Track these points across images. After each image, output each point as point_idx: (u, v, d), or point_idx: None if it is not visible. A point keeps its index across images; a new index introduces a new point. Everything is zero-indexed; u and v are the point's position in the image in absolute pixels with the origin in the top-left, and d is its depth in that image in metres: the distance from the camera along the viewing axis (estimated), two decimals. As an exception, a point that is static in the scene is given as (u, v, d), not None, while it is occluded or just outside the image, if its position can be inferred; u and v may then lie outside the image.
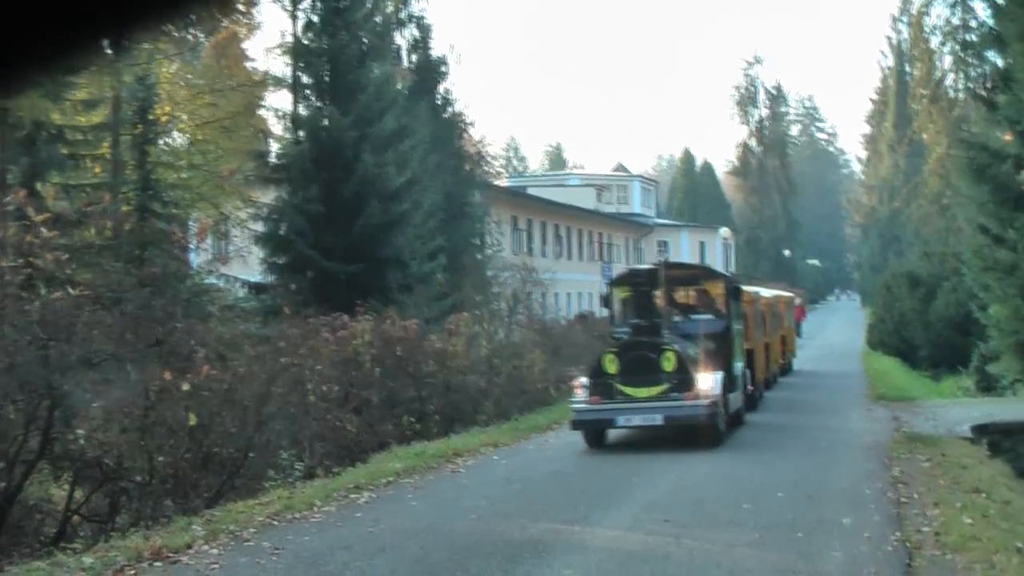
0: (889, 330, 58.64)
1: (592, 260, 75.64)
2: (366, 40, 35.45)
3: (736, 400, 23.74)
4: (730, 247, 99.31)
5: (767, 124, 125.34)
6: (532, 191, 77.45)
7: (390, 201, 33.09)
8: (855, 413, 28.34)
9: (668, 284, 23.70)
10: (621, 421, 20.84)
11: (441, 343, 27.76)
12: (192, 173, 32.06)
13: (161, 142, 31.70)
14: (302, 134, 34.06)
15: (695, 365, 21.17)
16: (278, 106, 35.43)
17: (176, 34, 28.74)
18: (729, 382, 22.72)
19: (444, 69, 48.10)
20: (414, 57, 48.01)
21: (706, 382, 20.78)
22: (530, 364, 31.41)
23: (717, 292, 26.02)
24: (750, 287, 34.76)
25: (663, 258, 26.10)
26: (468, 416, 26.59)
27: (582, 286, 68.04)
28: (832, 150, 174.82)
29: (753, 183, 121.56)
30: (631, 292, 25.41)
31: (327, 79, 33.91)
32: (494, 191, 59.76)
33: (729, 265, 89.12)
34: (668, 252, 78.11)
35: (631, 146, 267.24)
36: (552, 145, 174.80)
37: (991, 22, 33.50)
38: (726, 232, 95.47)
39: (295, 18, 34.10)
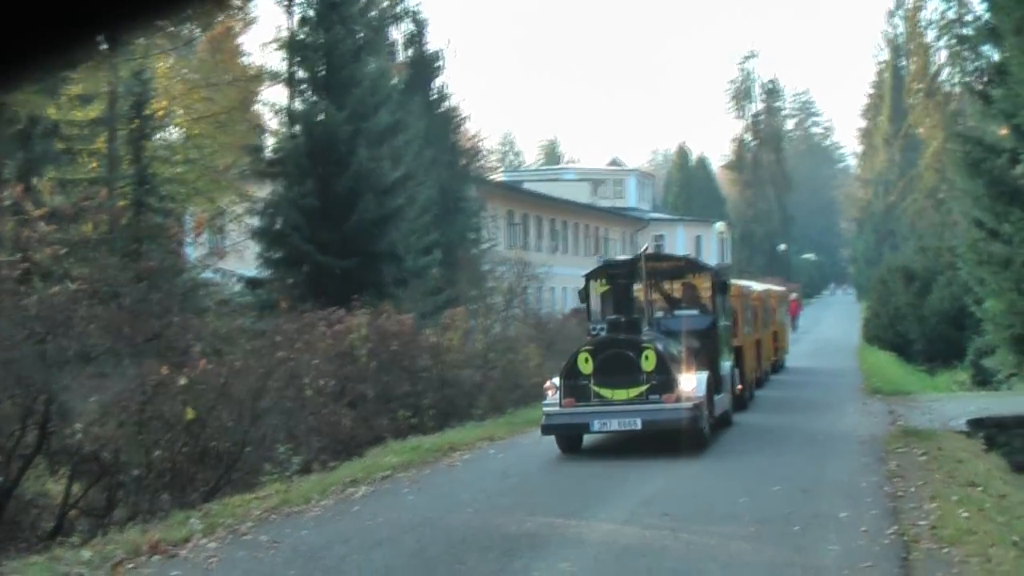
0: (884, 324, 58.71)
1: (588, 254, 75.66)
2: (361, 35, 35.51)
3: (723, 401, 22.44)
4: (725, 241, 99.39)
5: (762, 118, 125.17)
6: (528, 186, 77.70)
7: (385, 196, 33.15)
8: (850, 408, 28.34)
9: (650, 277, 22.10)
10: (596, 426, 19.18)
11: (436, 337, 27.82)
12: (188, 168, 32.05)
13: (157, 137, 31.67)
14: (297, 129, 34.12)
15: (677, 364, 19.60)
16: (273, 101, 35.54)
17: (172, 29, 28.72)
18: (715, 382, 21.50)
19: (439, 64, 48.22)
20: (410, 52, 48.05)
21: (689, 383, 19.26)
22: (525, 358, 31.42)
23: (703, 285, 24.72)
24: (740, 281, 34.38)
25: (645, 248, 24.01)
26: (463, 410, 26.63)
27: (577, 281, 67.86)
28: (827, 144, 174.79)
29: (748, 177, 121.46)
30: (609, 285, 22.92)
31: (322, 74, 33.95)
32: (489, 186, 59.96)
33: (724, 259, 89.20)
34: (664, 246, 77.87)
35: (627, 141, 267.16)
36: (547, 140, 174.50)
37: (987, 16, 33.50)
38: (721, 226, 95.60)
39: (290, 13, 34.21)
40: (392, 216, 33.32)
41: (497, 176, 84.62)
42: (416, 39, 48.08)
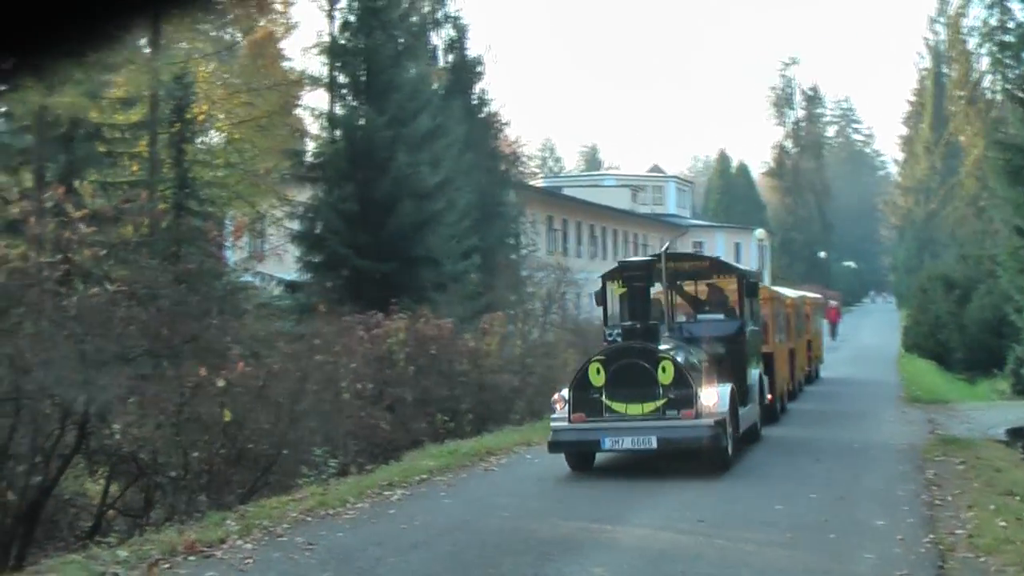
0: (924, 333, 58.49)
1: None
2: (402, 40, 35.62)
3: (750, 414, 20.83)
4: (765, 248, 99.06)
5: (803, 125, 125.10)
6: (567, 191, 77.56)
7: (424, 200, 33.18)
8: (888, 416, 28.22)
9: (671, 278, 20.70)
10: (608, 443, 17.57)
11: (475, 342, 27.86)
12: (228, 171, 32.24)
13: (198, 140, 31.83)
14: (338, 133, 34.21)
15: (698, 376, 17.89)
16: (314, 105, 35.71)
17: (213, 33, 28.87)
18: (742, 394, 19.94)
19: (480, 69, 48.14)
20: (450, 57, 48.02)
21: (710, 398, 17.51)
22: (563, 364, 31.37)
23: (730, 288, 22.91)
24: (775, 287, 33.71)
25: (666, 246, 22.03)
26: (501, 415, 26.67)
27: (616, 287, 67.83)
28: (868, 152, 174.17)
29: (788, 184, 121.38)
30: (626, 288, 20.09)
31: (363, 79, 34.02)
32: (529, 191, 59.88)
33: (764, 266, 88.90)
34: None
35: (667, 147, 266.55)
36: (588, 146, 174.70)
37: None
38: (761, 233, 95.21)
39: (331, 18, 34.27)
40: (431, 220, 33.37)
41: (537, 181, 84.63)
42: (457, 44, 48.07)
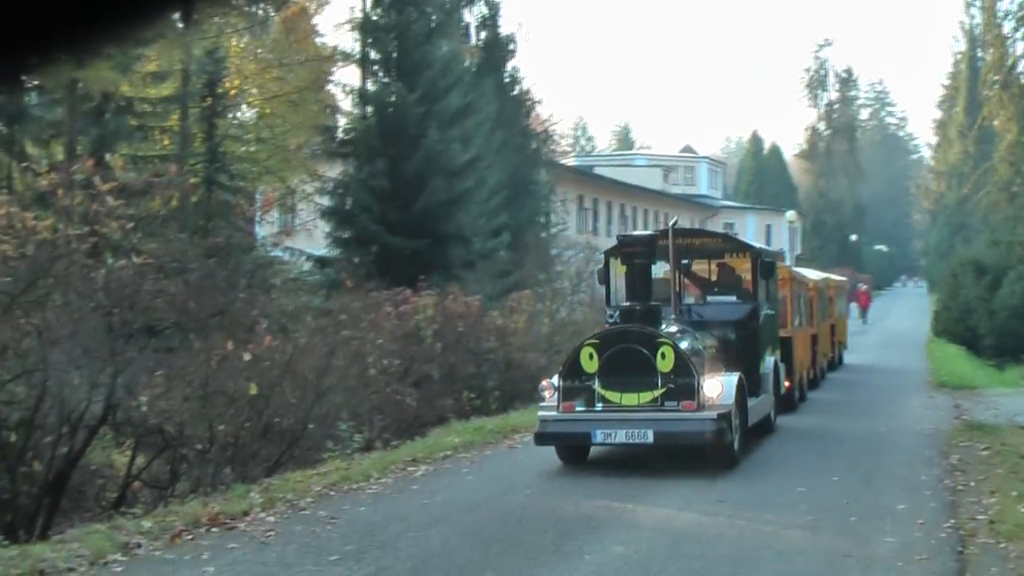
0: (954, 318, 58.13)
1: (657, 241, 75.32)
2: (434, 17, 35.65)
3: (763, 404, 19.33)
4: (796, 231, 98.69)
5: (836, 108, 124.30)
6: (599, 171, 77.43)
7: (454, 178, 33.23)
8: (915, 401, 28.04)
9: (679, 256, 18.70)
10: (600, 436, 15.98)
11: (502, 320, 27.87)
12: (259, 146, 32.35)
13: (229, 115, 31.98)
14: (369, 109, 34.30)
15: (701, 363, 16.44)
16: (346, 81, 35.82)
17: (246, 8, 28.94)
18: (753, 383, 18.35)
19: (512, 47, 48.01)
20: (482, 35, 47.93)
21: (714, 388, 15.95)
22: (590, 343, 31.34)
23: (743, 267, 20.81)
24: (797, 268, 32.70)
25: (673, 221, 19.26)
26: (527, 393, 26.64)
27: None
28: (902, 135, 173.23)
29: (821, 167, 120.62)
30: (628, 265, 17.80)
31: (394, 55, 34.06)
32: (560, 170, 59.80)
33: (795, 248, 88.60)
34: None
35: (699, 128, 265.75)
36: (620, 126, 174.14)
37: (1065, 8, 33.14)
38: (792, 215, 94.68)
39: (364, -6, 34.29)
40: (461, 198, 33.42)
41: (569, 160, 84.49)
42: (489, 22, 47.97)
